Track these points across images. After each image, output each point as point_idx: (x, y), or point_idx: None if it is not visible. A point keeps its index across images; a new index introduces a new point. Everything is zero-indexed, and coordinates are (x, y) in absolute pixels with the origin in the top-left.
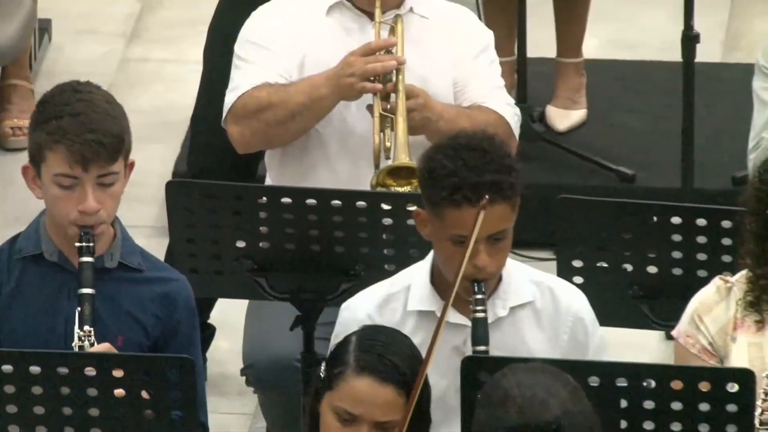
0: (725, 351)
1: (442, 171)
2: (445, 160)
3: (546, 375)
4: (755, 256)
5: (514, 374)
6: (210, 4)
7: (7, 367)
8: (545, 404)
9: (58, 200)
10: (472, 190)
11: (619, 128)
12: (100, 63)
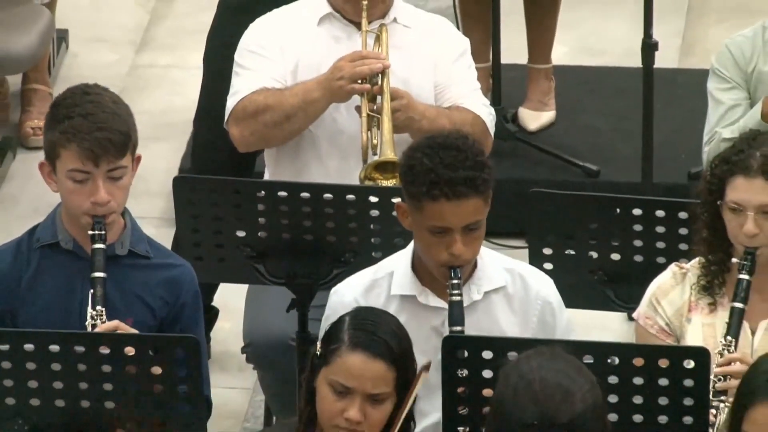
0: (681, 331)
1: (421, 168)
2: (424, 158)
3: (569, 367)
4: (708, 244)
5: (540, 362)
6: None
7: (28, 345)
8: (565, 401)
9: (72, 193)
10: (448, 186)
11: (584, 128)
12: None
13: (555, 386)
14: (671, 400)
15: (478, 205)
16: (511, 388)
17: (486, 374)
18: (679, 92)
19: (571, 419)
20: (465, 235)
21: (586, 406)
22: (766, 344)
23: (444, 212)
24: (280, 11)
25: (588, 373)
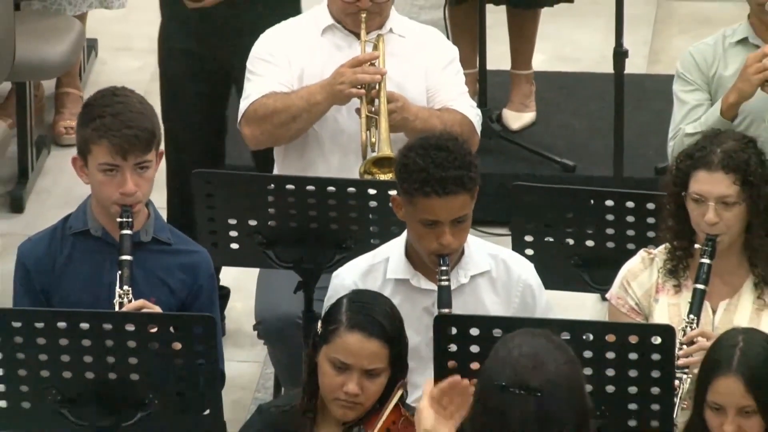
0: (649, 310)
1: (415, 167)
2: (417, 158)
3: (549, 343)
4: (673, 232)
5: (521, 336)
6: None
7: (61, 323)
8: (537, 368)
9: (102, 185)
10: (438, 184)
11: (562, 128)
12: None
13: (531, 355)
14: (640, 372)
15: (465, 200)
16: (494, 355)
17: (473, 349)
18: (647, 96)
19: (541, 384)
20: (453, 227)
21: (558, 377)
22: (725, 322)
23: (434, 207)
24: (288, 23)
25: (568, 352)
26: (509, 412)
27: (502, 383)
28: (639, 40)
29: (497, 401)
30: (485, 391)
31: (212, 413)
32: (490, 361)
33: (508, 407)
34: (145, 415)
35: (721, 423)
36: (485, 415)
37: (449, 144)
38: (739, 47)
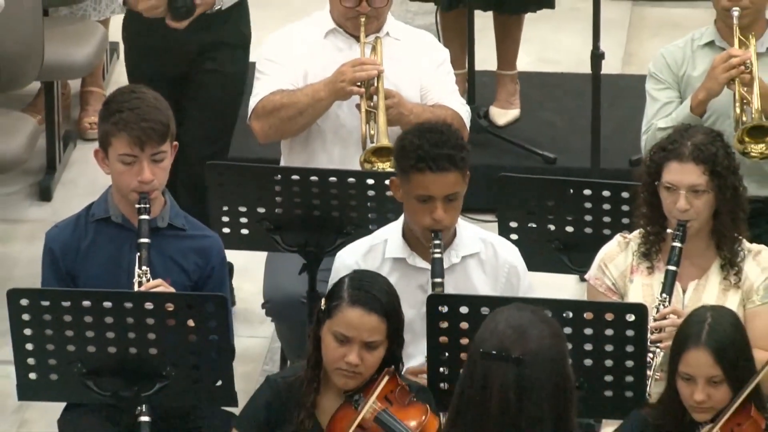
0: (624, 290)
1: (411, 146)
2: (414, 138)
3: (534, 317)
4: (646, 218)
5: (509, 309)
6: None
7: (86, 302)
8: (520, 339)
9: (121, 174)
10: (432, 160)
11: (544, 123)
12: None
13: (516, 326)
14: (615, 347)
15: (457, 178)
16: (484, 326)
17: (463, 326)
18: (622, 94)
19: (523, 354)
20: (445, 204)
21: (540, 348)
22: (695, 300)
23: (428, 183)
24: (293, 27)
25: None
26: (490, 378)
27: (487, 350)
28: (614, 43)
29: (481, 368)
30: (471, 358)
31: (224, 384)
32: (480, 331)
33: (489, 374)
34: (162, 385)
35: (692, 392)
36: (469, 381)
37: (443, 128)
38: (706, 49)
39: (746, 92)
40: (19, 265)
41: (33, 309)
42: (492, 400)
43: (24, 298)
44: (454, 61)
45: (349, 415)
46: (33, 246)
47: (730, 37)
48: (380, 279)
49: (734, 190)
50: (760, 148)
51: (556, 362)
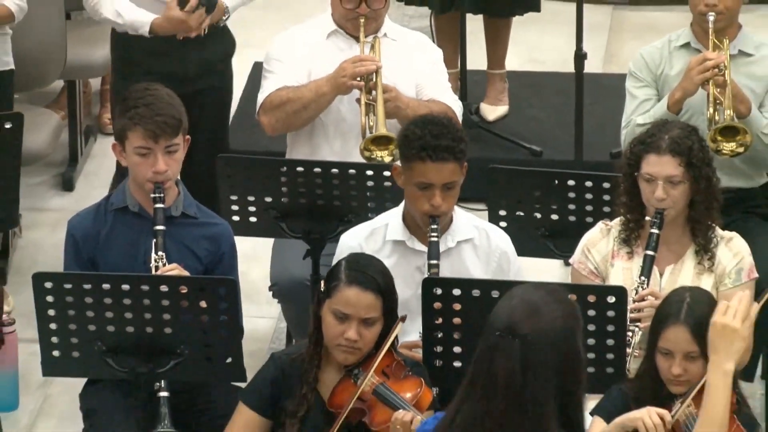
0: (606, 273)
1: (414, 136)
2: (416, 129)
3: (549, 296)
4: (627, 207)
5: (527, 288)
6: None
7: (106, 285)
8: (530, 317)
9: (137, 165)
10: (433, 150)
11: (530, 119)
12: None
13: (528, 303)
14: (597, 326)
15: (455, 168)
16: (500, 302)
17: (456, 307)
18: (603, 92)
19: (531, 332)
20: (443, 192)
21: (549, 327)
22: (671, 283)
23: (428, 171)
24: (297, 29)
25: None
26: (498, 354)
27: (498, 327)
28: (596, 45)
29: (490, 343)
30: (485, 332)
31: (233, 361)
32: (496, 307)
33: (497, 349)
34: (176, 362)
35: (670, 366)
36: (480, 356)
37: (444, 121)
38: (682, 50)
39: (719, 93)
40: (43, 250)
41: (56, 291)
42: (499, 375)
43: (48, 281)
44: (447, 61)
45: (349, 388)
46: (56, 233)
47: (705, 39)
48: (375, 260)
49: (708, 181)
50: (731, 146)
51: (565, 341)
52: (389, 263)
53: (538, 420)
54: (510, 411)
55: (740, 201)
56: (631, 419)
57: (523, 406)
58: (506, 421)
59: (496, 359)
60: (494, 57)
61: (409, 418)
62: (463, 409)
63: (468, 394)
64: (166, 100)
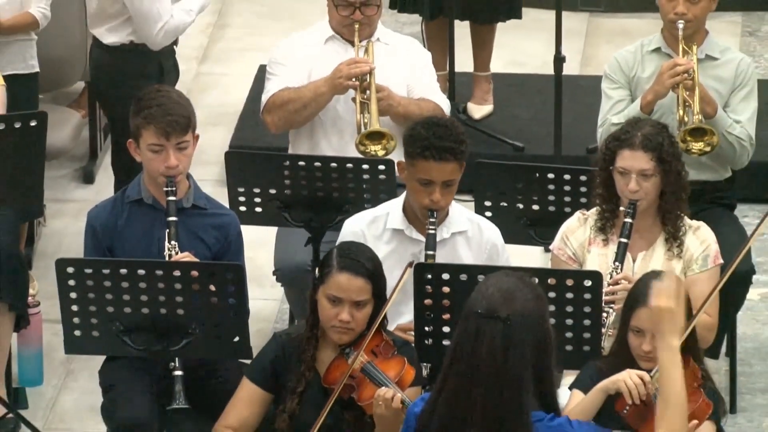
0: (583, 259)
1: (419, 137)
2: (422, 130)
3: (520, 282)
4: (602, 198)
5: (498, 276)
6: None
7: (123, 270)
8: (507, 301)
9: (151, 161)
10: (436, 150)
11: (513, 117)
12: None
13: (503, 289)
14: (574, 308)
15: (455, 167)
16: (476, 289)
17: (445, 290)
18: (580, 92)
19: (509, 315)
20: (442, 188)
21: (524, 309)
22: (643, 268)
23: (430, 169)
24: (298, 35)
25: (537, 291)
26: (481, 335)
27: (476, 310)
28: (573, 49)
29: (473, 326)
30: (465, 317)
31: (240, 340)
32: (473, 294)
33: (480, 331)
34: (188, 341)
35: (641, 343)
36: (462, 337)
37: (447, 123)
38: (654, 54)
39: (688, 96)
40: (66, 238)
41: (78, 276)
42: (482, 354)
43: (70, 267)
44: (437, 64)
45: (342, 366)
46: (78, 222)
47: (675, 44)
48: (365, 248)
49: (677, 174)
50: (699, 145)
51: (538, 321)
52: (388, 249)
53: (518, 392)
54: (492, 386)
55: (707, 193)
56: (613, 381)
57: (504, 382)
58: (489, 394)
59: (479, 341)
60: (480, 60)
61: (390, 395)
62: (447, 387)
63: (451, 374)
64: (177, 100)
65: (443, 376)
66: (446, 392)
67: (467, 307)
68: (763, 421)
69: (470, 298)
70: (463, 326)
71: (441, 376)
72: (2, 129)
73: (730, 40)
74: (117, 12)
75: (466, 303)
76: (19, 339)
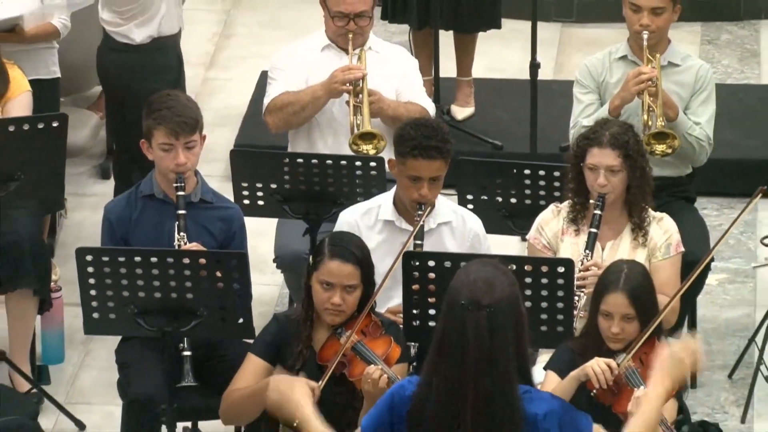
0: (557, 248)
1: (408, 137)
2: (411, 130)
3: (496, 270)
4: (573, 192)
5: (476, 265)
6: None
7: (137, 258)
8: (488, 290)
9: (162, 159)
10: (424, 150)
11: (493, 118)
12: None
13: (484, 279)
14: (549, 292)
15: (441, 165)
16: (456, 279)
17: (431, 276)
18: (554, 96)
19: (491, 303)
20: (430, 184)
21: (503, 296)
22: (611, 256)
23: (419, 166)
24: (297, 44)
25: (510, 276)
26: (467, 324)
27: (462, 302)
28: (547, 56)
29: (458, 316)
30: (450, 307)
31: (244, 321)
32: (453, 284)
33: (466, 320)
34: (196, 322)
35: (610, 326)
36: (447, 328)
37: (434, 124)
38: (621, 62)
39: (652, 102)
40: (85, 229)
41: (96, 263)
42: (469, 340)
43: (89, 255)
44: (423, 70)
45: (335, 345)
46: (96, 214)
47: (640, 53)
48: (353, 237)
49: (642, 170)
50: (661, 147)
51: (516, 306)
52: (379, 238)
53: (505, 370)
54: (481, 367)
55: (669, 187)
56: (583, 368)
57: (492, 364)
58: (479, 375)
59: (465, 329)
60: (462, 66)
61: (377, 375)
62: (438, 373)
63: (440, 361)
64: (185, 103)
65: (433, 362)
66: (438, 377)
67: (450, 298)
68: (721, 396)
69: (452, 289)
70: (449, 316)
71: (430, 362)
72: (27, 129)
73: (691, 48)
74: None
75: (448, 293)
76: (43, 321)
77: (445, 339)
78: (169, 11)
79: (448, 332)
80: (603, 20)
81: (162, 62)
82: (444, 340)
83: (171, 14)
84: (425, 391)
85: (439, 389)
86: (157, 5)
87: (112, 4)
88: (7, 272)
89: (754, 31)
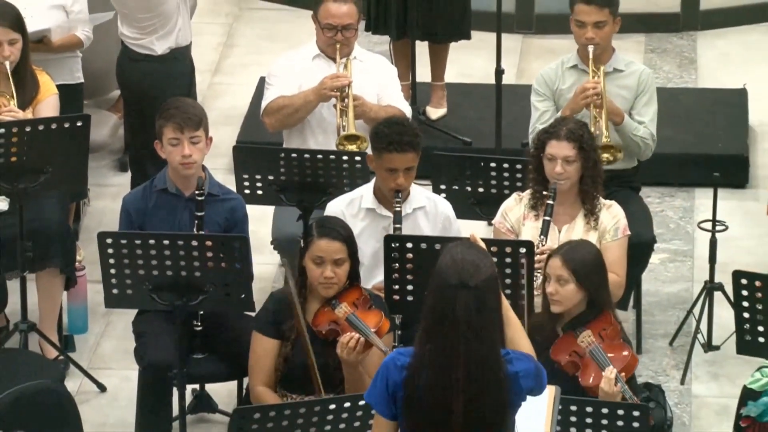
0: (519, 231)
1: (383, 134)
2: (385, 128)
3: (480, 253)
4: (534, 181)
5: (461, 248)
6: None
7: (152, 241)
8: (475, 272)
9: (171, 153)
10: (398, 144)
11: (463, 118)
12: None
13: (470, 261)
14: (511, 270)
15: (413, 156)
16: (442, 261)
17: (408, 256)
18: (516, 98)
19: (477, 284)
20: (405, 174)
21: (488, 277)
22: (567, 237)
23: (394, 159)
24: (291, 53)
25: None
26: (456, 303)
27: (450, 283)
28: (511, 63)
29: (447, 296)
30: (438, 289)
31: (245, 297)
32: (440, 265)
33: (455, 300)
34: (203, 297)
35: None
36: (437, 306)
37: (404, 122)
38: (572, 70)
39: (597, 113)
40: (105, 216)
41: (115, 246)
42: (459, 317)
43: (109, 238)
44: (401, 76)
45: (328, 313)
46: (115, 203)
47: (586, 61)
48: (337, 219)
49: (594, 162)
50: (606, 156)
51: (497, 284)
52: (362, 225)
53: (492, 338)
54: (471, 338)
55: (618, 178)
56: None
57: (481, 339)
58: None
59: (455, 307)
60: (436, 72)
61: (353, 343)
62: (432, 343)
63: (431, 337)
64: (191, 104)
65: (425, 335)
66: (431, 348)
67: (440, 279)
68: (663, 361)
69: (440, 270)
70: (439, 295)
71: (422, 335)
72: (55, 128)
73: (636, 56)
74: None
75: (436, 274)
76: (69, 296)
77: (435, 315)
78: (184, 25)
79: (438, 310)
80: (559, 32)
81: (178, 70)
82: (434, 316)
83: (185, 27)
84: (419, 361)
85: (433, 358)
86: (174, 20)
87: (133, 20)
88: (37, 253)
89: (692, 41)
